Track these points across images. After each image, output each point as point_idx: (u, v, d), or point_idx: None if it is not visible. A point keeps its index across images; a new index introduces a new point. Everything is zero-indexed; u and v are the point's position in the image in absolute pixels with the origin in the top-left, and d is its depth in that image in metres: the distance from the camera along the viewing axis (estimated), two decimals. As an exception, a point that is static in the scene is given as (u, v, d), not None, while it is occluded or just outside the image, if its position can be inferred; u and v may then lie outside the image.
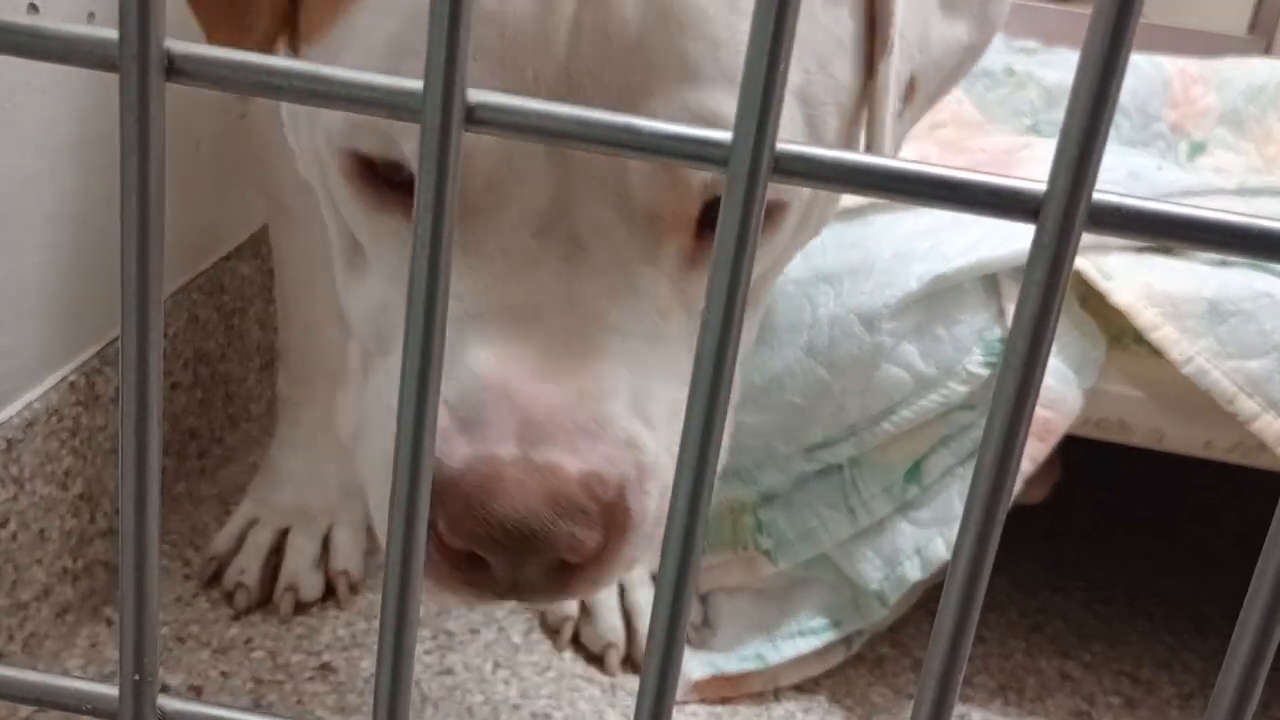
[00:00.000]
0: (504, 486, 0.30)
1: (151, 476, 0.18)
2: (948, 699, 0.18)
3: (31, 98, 0.46)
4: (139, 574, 0.19)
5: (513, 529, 0.29)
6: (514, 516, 0.29)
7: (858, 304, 0.53)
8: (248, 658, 0.54)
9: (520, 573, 0.31)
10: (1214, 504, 0.83)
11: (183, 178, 0.61)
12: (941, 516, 0.55)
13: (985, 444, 0.17)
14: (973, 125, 0.71)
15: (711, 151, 0.16)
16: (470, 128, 0.16)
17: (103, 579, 0.56)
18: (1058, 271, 0.16)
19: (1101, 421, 0.55)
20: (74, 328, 0.52)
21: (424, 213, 0.16)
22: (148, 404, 0.18)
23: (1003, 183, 0.16)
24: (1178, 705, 0.62)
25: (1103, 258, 0.54)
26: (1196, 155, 0.75)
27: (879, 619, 0.58)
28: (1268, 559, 0.16)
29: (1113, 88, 0.15)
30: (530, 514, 0.29)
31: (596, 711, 0.54)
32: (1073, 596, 0.71)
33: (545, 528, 0.30)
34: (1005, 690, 0.61)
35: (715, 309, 0.16)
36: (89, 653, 0.53)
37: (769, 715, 0.56)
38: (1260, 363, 0.52)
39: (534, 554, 0.30)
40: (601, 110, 0.16)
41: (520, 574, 0.31)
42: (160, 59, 0.16)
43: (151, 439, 0.18)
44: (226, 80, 0.17)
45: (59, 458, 0.51)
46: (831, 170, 0.16)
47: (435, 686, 0.55)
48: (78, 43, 0.17)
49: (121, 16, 0.16)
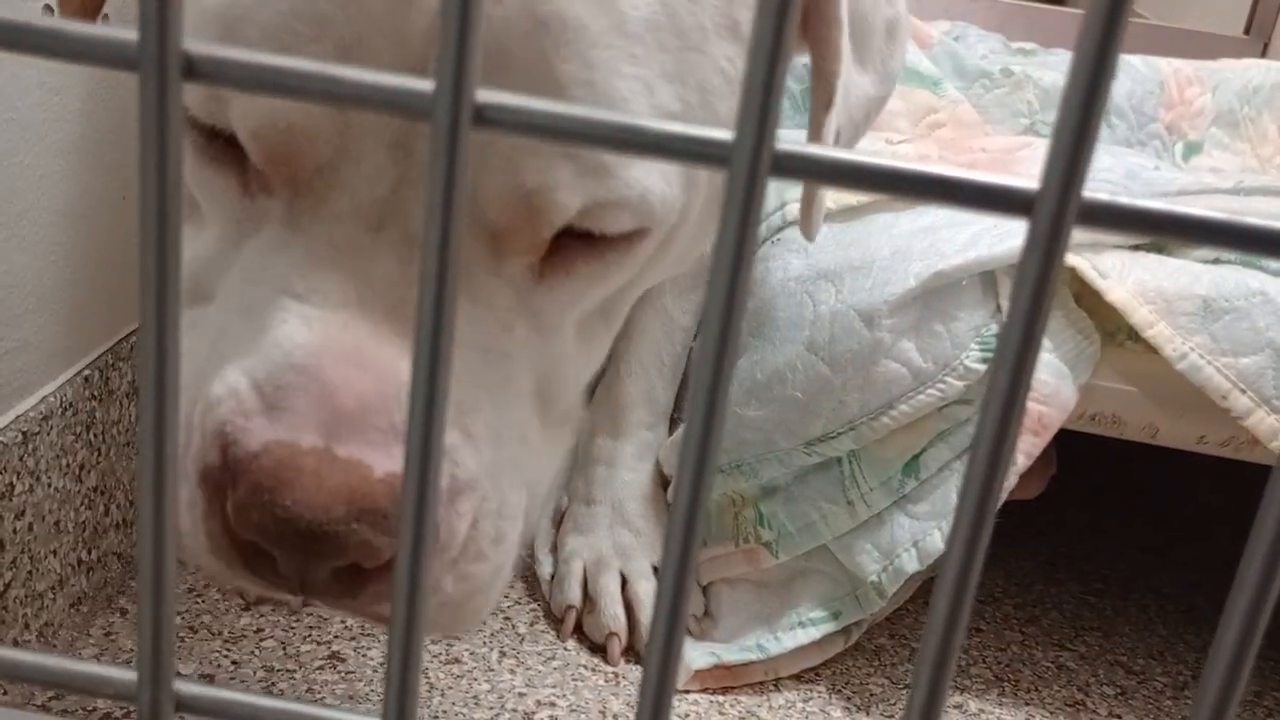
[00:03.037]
0: (300, 478, 0.27)
1: (168, 468, 0.19)
2: (941, 687, 0.19)
3: (46, 98, 0.47)
4: (156, 560, 0.19)
5: (303, 527, 0.27)
6: (306, 513, 0.27)
7: (858, 301, 0.54)
8: (259, 647, 0.55)
9: (308, 571, 0.28)
10: (1207, 498, 0.84)
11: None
12: (939, 510, 0.56)
13: (978, 437, 0.17)
14: (971, 126, 0.72)
15: (712, 151, 0.17)
16: (479, 128, 0.17)
17: (117, 570, 0.56)
18: (1050, 267, 0.16)
19: (1096, 416, 0.56)
20: (88, 323, 0.53)
21: (432, 214, 0.17)
22: (166, 394, 0.18)
23: (997, 181, 0.16)
24: (1171, 695, 0.63)
25: (1098, 256, 0.55)
26: (1192, 155, 0.76)
27: (877, 610, 0.58)
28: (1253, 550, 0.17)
29: (1103, 87, 0.15)
30: (323, 512, 0.27)
31: (600, 700, 0.55)
32: (1068, 589, 0.71)
33: (338, 529, 0.27)
34: (1001, 681, 0.62)
35: (715, 308, 0.17)
36: (103, 641, 0.54)
37: (769, 704, 0.57)
38: (1253, 359, 0.52)
39: (323, 556, 0.28)
40: (605, 112, 0.17)
41: (308, 572, 0.28)
42: (179, 60, 0.17)
43: (169, 431, 0.18)
44: (243, 81, 0.17)
45: (74, 451, 0.51)
46: (829, 169, 0.17)
47: (442, 675, 0.55)
48: (97, 43, 0.17)
49: (141, 18, 0.16)
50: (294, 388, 0.28)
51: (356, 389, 0.28)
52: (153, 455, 0.18)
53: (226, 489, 0.28)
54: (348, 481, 0.27)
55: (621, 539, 0.61)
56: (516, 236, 0.31)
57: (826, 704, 0.58)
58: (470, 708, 0.53)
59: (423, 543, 0.18)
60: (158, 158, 0.17)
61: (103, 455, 0.54)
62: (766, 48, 0.16)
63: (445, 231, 0.17)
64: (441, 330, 0.17)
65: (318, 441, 0.27)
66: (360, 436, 0.28)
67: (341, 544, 0.27)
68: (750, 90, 0.16)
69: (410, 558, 0.18)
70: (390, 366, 0.29)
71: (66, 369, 0.51)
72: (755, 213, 0.16)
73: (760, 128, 0.16)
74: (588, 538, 0.61)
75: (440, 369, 0.17)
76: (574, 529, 0.62)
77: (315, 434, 0.27)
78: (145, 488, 0.19)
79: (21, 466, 0.47)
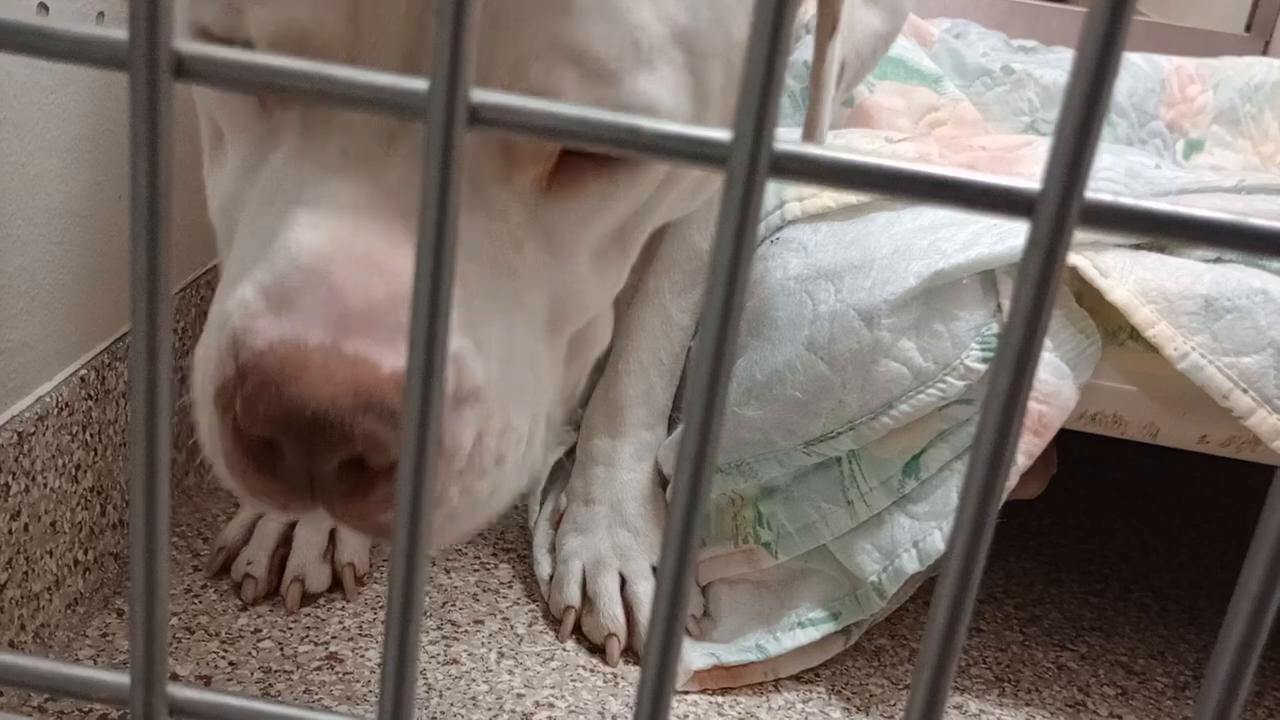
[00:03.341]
0: (307, 373, 0.27)
1: (161, 469, 0.18)
2: (941, 687, 0.18)
3: (40, 96, 0.47)
4: (149, 564, 0.19)
5: (309, 416, 0.27)
6: (311, 403, 0.27)
7: (858, 300, 0.53)
8: (256, 648, 0.55)
9: (315, 465, 0.28)
10: (1208, 497, 0.84)
11: (192, 175, 0.61)
12: (939, 510, 0.55)
13: (979, 436, 0.17)
14: (972, 124, 0.72)
15: (710, 151, 0.16)
16: (474, 127, 0.17)
17: (113, 571, 0.56)
18: (1051, 267, 0.16)
19: (1097, 416, 0.55)
20: (84, 323, 0.53)
21: (427, 210, 0.17)
22: (158, 397, 0.18)
23: (998, 181, 0.16)
24: (1171, 696, 0.62)
25: (1099, 255, 0.54)
26: (1194, 154, 0.76)
27: (877, 611, 0.58)
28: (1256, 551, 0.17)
29: (1106, 88, 0.15)
30: (330, 403, 0.27)
31: (599, 701, 0.55)
32: (1068, 589, 0.71)
33: (345, 419, 0.27)
34: (1002, 681, 0.62)
35: (714, 307, 0.17)
36: (99, 643, 0.54)
37: (769, 705, 0.57)
38: (1255, 359, 0.52)
39: (331, 446, 0.27)
40: (602, 112, 0.17)
41: (315, 466, 0.28)
42: (170, 59, 0.17)
43: (161, 432, 0.18)
44: (235, 80, 0.17)
45: (70, 451, 0.51)
46: (828, 170, 0.17)
47: (440, 676, 0.55)
48: (88, 43, 0.17)
49: (131, 17, 0.16)
50: (301, 288, 0.28)
51: (365, 290, 0.28)
52: (144, 455, 0.18)
53: (234, 394, 0.28)
54: (354, 375, 0.27)
55: (620, 539, 0.61)
56: (525, 148, 0.30)
57: (826, 705, 0.57)
58: (468, 708, 0.53)
59: (419, 546, 0.18)
60: (149, 157, 0.17)
61: (99, 455, 0.54)
62: (765, 47, 0.15)
63: (443, 231, 0.17)
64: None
65: (324, 338, 0.27)
66: (368, 334, 0.27)
67: (348, 434, 0.27)
68: (748, 90, 0.16)
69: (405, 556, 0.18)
70: (401, 269, 0.28)
71: (62, 369, 0.51)
72: (754, 213, 0.16)
73: (758, 128, 0.16)
74: (586, 538, 0.61)
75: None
76: (573, 529, 0.62)
77: (322, 330, 0.27)
78: (137, 488, 0.18)
79: (17, 467, 0.47)
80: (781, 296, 0.56)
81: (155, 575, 0.19)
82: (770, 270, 0.57)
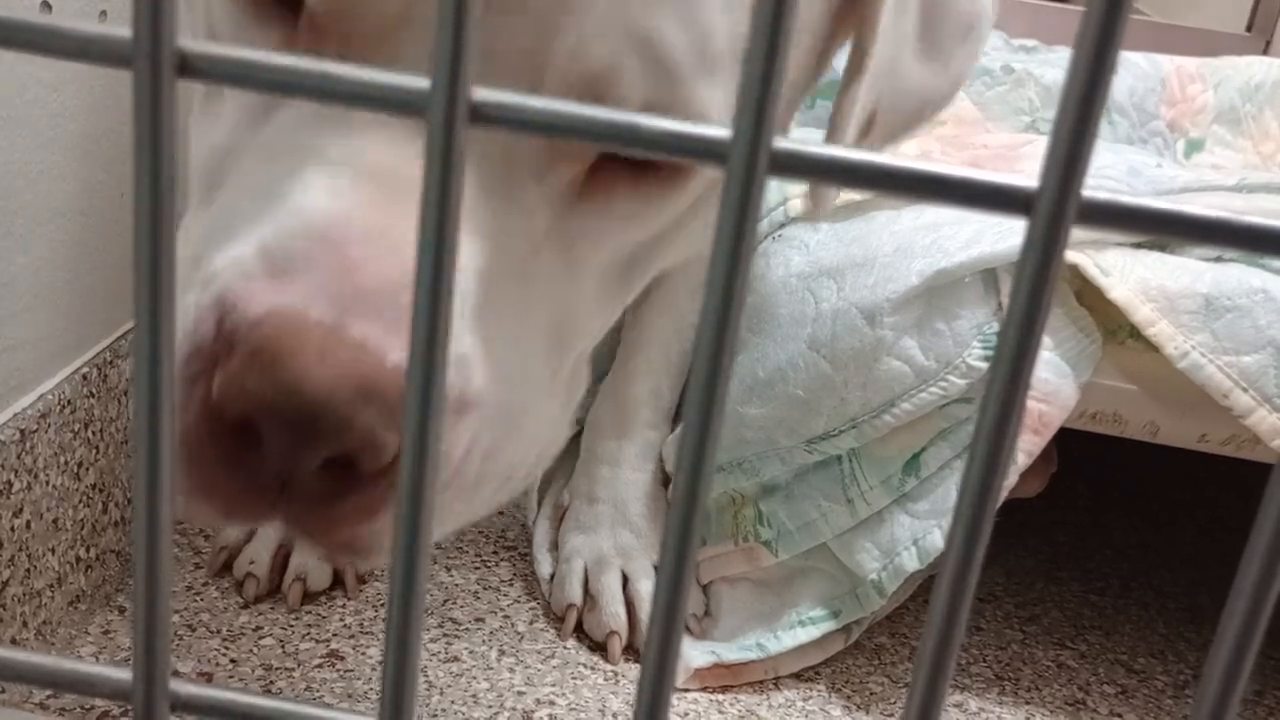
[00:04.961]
0: (303, 350, 0.23)
1: (164, 466, 0.18)
2: (940, 685, 0.18)
3: (42, 94, 0.47)
4: (151, 562, 0.19)
5: (303, 401, 0.23)
6: (307, 386, 0.23)
7: (859, 298, 0.53)
8: (257, 645, 0.55)
9: (297, 459, 0.24)
10: (1207, 496, 0.84)
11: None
12: (939, 508, 0.55)
13: (978, 435, 0.17)
14: (972, 123, 0.72)
15: (711, 148, 0.17)
16: (474, 125, 0.17)
17: (115, 568, 0.56)
18: (1048, 265, 0.16)
19: (1097, 415, 0.55)
20: (86, 320, 0.53)
21: (428, 209, 0.17)
22: (160, 394, 0.18)
23: (995, 179, 0.16)
24: (1171, 694, 0.63)
25: (1099, 253, 0.54)
26: (1194, 153, 0.76)
27: (877, 609, 0.58)
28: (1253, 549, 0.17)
29: (1102, 86, 0.15)
30: (330, 390, 0.23)
31: (599, 699, 0.55)
32: (1068, 587, 0.71)
33: (344, 410, 0.23)
34: (1002, 680, 0.62)
35: (713, 306, 0.17)
36: (101, 639, 0.54)
37: (769, 703, 0.57)
38: (1255, 358, 0.52)
39: (322, 439, 0.24)
40: (602, 109, 0.17)
41: (297, 461, 0.24)
42: (173, 57, 0.17)
43: (164, 429, 0.18)
44: (238, 78, 0.17)
45: (72, 448, 0.51)
46: (827, 167, 0.17)
47: (441, 673, 0.55)
48: (92, 40, 0.17)
49: (135, 15, 0.16)
50: (308, 256, 0.24)
51: (380, 267, 0.24)
52: (147, 453, 0.18)
53: (216, 363, 0.24)
54: (356, 363, 0.24)
55: (623, 538, 0.61)
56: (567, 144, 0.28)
57: (826, 703, 0.58)
58: (469, 706, 0.53)
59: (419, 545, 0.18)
60: (152, 155, 0.17)
61: (101, 453, 0.54)
62: (764, 43, 0.15)
63: (442, 231, 0.17)
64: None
65: (327, 315, 0.24)
66: (377, 317, 0.24)
67: (345, 426, 0.24)
68: (748, 86, 0.16)
69: (406, 554, 0.18)
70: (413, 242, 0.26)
71: (64, 366, 0.51)
72: (753, 211, 0.16)
73: (757, 125, 0.16)
74: (589, 536, 0.61)
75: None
76: (575, 527, 0.62)
77: (326, 306, 0.24)
78: (140, 485, 0.19)
79: (19, 464, 0.47)
80: (783, 294, 0.56)
81: (157, 572, 0.19)
82: (772, 267, 0.57)
